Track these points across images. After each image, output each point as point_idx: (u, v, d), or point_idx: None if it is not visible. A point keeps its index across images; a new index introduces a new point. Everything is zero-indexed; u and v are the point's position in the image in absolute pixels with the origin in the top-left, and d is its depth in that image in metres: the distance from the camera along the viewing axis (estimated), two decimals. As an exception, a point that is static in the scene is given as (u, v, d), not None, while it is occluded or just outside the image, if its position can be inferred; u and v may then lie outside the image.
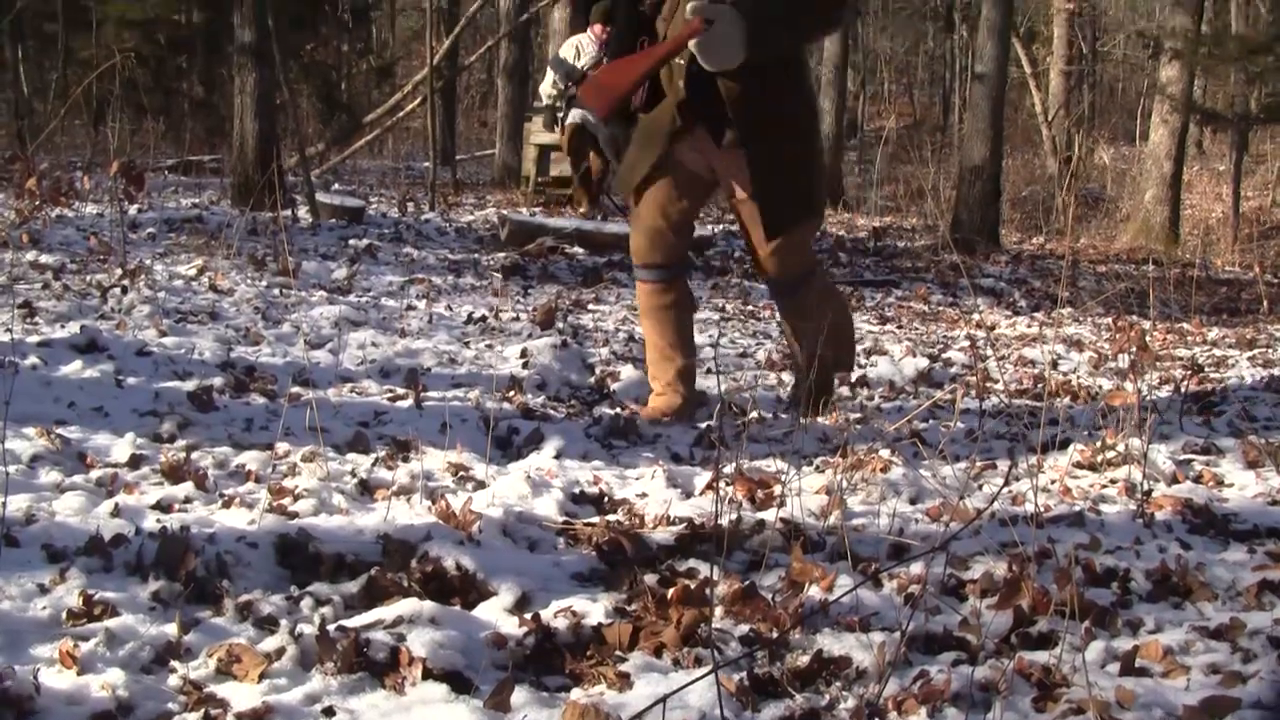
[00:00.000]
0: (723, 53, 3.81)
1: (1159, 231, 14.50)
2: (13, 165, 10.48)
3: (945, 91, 37.39)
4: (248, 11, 10.05)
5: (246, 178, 9.85)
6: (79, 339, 4.64)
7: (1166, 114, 14.60)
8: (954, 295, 9.30)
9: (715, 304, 7.80)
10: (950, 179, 15.59)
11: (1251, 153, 22.94)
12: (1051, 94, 23.45)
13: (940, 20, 36.48)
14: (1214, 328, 8.10)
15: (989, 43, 12.84)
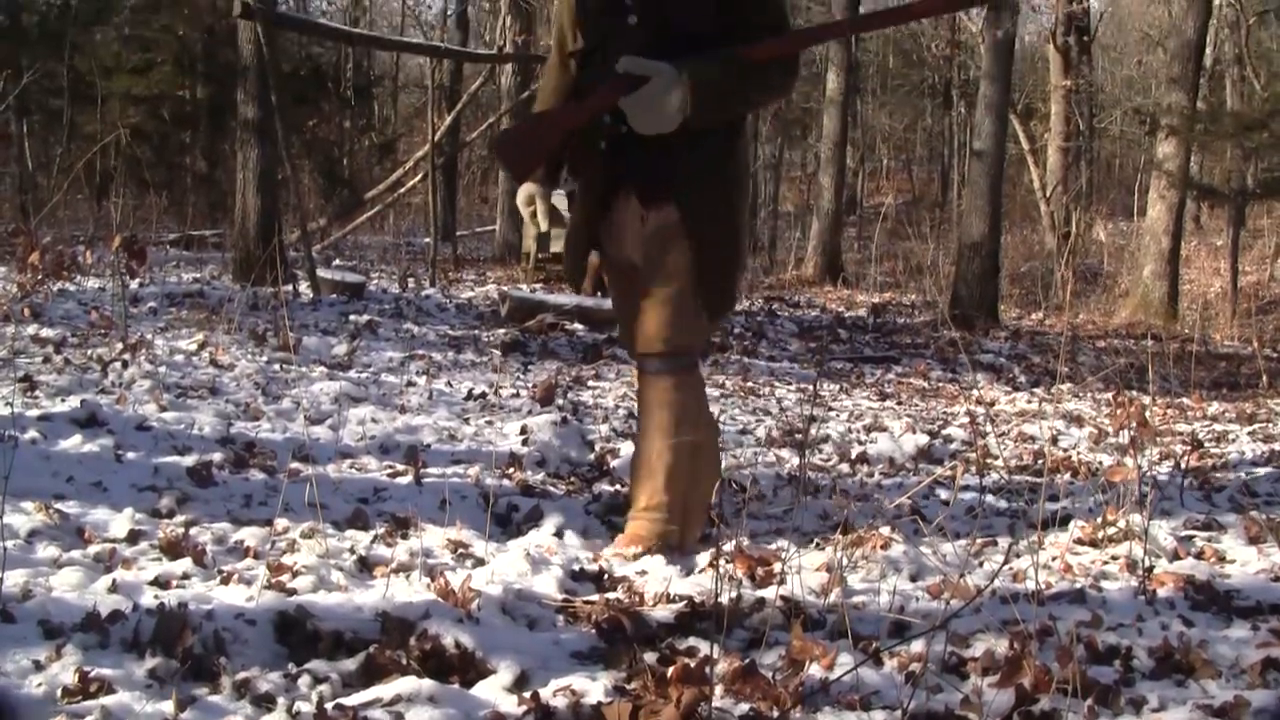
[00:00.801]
0: (656, 115, 3.37)
1: (1158, 306, 14.53)
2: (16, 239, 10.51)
3: (944, 168, 37.60)
4: (252, 88, 10.14)
5: (248, 253, 9.89)
6: (79, 413, 4.64)
7: (1164, 189, 14.67)
8: (954, 371, 9.30)
9: (715, 380, 7.80)
10: (949, 255, 15.65)
11: (1249, 227, 23.03)
12: (1050, 170, 23.58)
13: (939, 97, 36.74)
14: (1214, 403, 8.09)
15: (987, 120, 12.94)
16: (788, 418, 6.48)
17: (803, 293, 16.14)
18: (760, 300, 13.74)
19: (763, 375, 8.12)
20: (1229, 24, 26.12)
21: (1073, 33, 24.13)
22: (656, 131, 3.40)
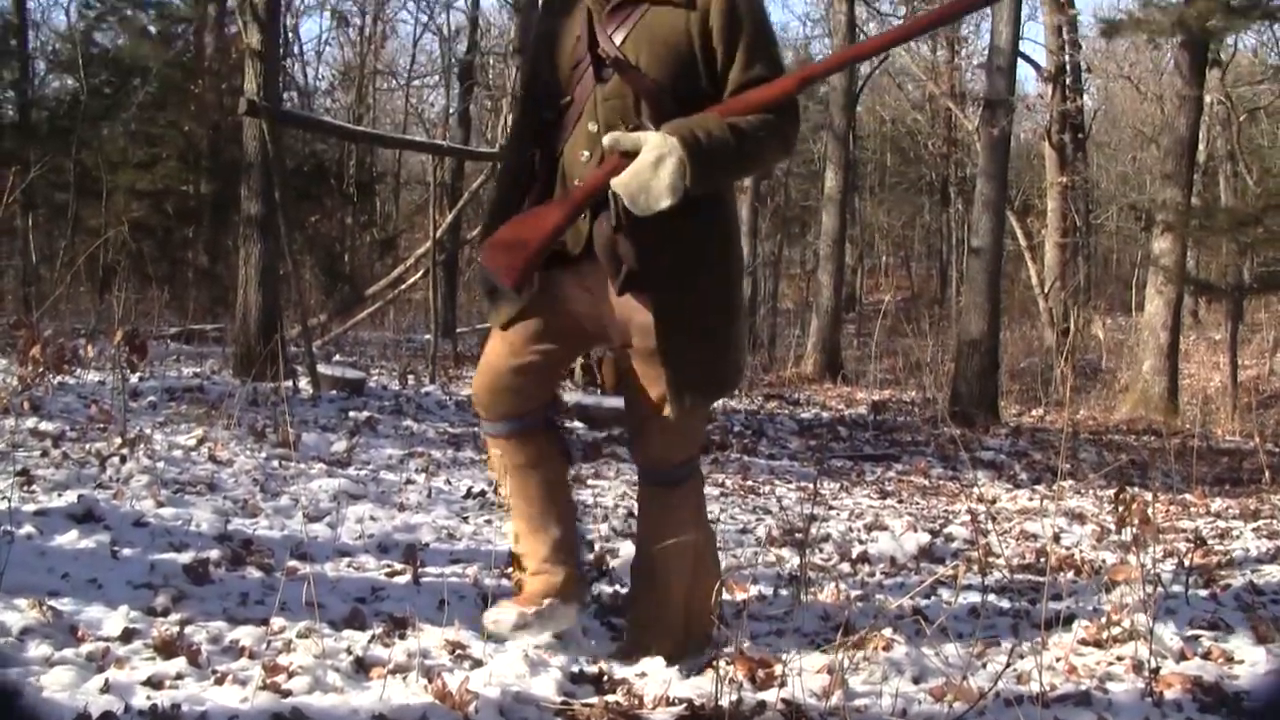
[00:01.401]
0: (653, 193, 3.05)
1: (1158, 402, 14.52)
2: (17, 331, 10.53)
3: (942, 265, 37.77)
4: (255, 184, 10.19)
5: (249, 348, 9.89)
6: (76, 508, 4.61)
7: (1161, 285, 14.72)
8: (954, 469, 9.28)
9: (715, 479, 7.77)
10: (948, 352, 15.67)
11: (1247, 322, 23.11)
12: (1047, 266, 23.67)
13: (936, 194, 37.00)
14: (1217, 499, 8.06)
15: (984, 217, 13.01)
16: (788, 516, 6.45)
17: (802, 390, 16.14)
18: (760, 398, 13.73)
19: (763, 474, 8.10)
20: (1220, 121, 26.37)
21: (1068, 130, 24.33)
22: (655, 210, 3.08)
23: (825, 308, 19.43)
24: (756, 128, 3.15)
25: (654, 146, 3.06)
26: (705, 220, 3.28)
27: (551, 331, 3.42)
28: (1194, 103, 14.63)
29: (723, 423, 10.49)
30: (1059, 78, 24.01)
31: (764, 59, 3.25)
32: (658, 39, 3.22)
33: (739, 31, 3.22)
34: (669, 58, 3.21)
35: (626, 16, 3.25)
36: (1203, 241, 16.84)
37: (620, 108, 3.22)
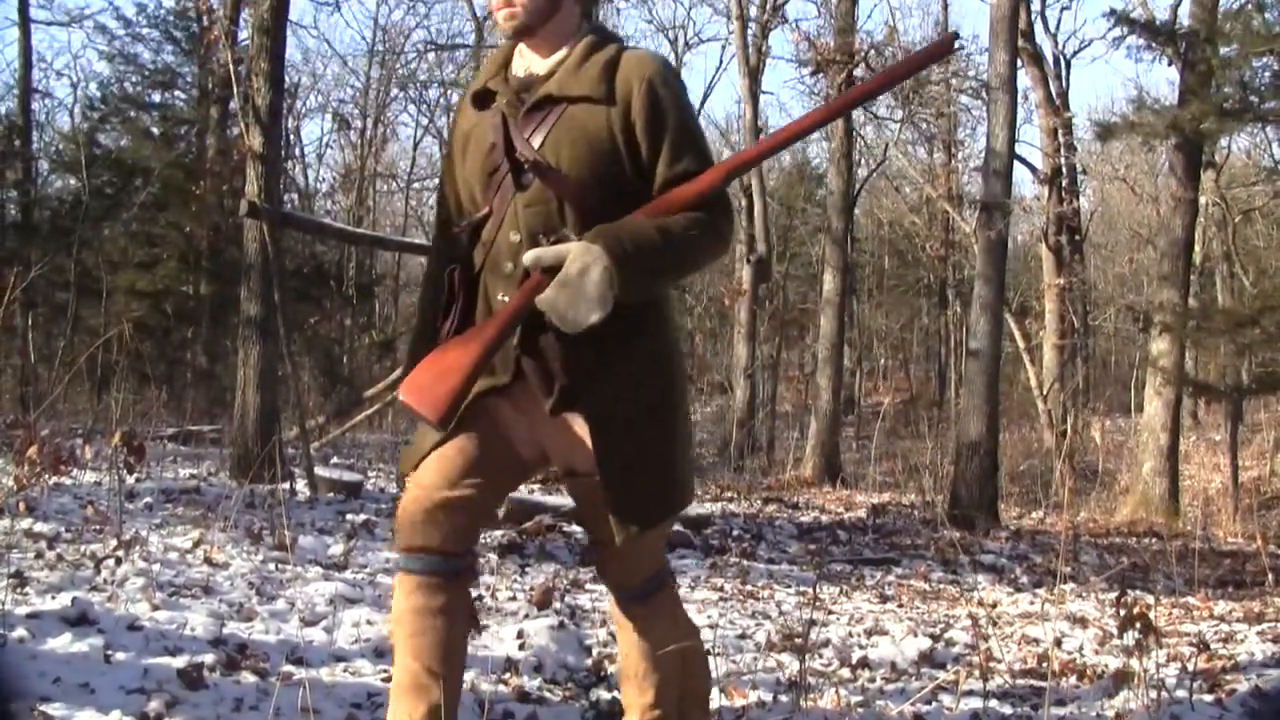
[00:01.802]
0: (581, 307, 2.85)
1: (1159, 504, 14.48)
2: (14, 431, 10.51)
3: (941, 367, 37.84)
4: (255, 285, 10.22)
5: (246, 450, 9.86)
6: (70, 611, 4.58)
7: (1160, 386, 14.74)
8: (955, 572, 9.22)
9: (714, 584, 7.72)
10: (948, 454, 15.64)
11: (1246, 422, 23.11)
12: (1046, 368, 23.72)
13: (934, 297, 37.17)
14: (1220, 602, 8.01)
15: (982, 319, 13.04)
16: (787, 621, 6.40)
17: (801, 494, 16.09)
18: (759, 501, 13.68)
19: (762, 578, 8.04)
20: (1216, 222, 26.58)
21: (1064, 232, 24.49)
22: (585, 325, 2.87)
23: (824, 411, 19.42)
24: (686, 226, 2.98)
25: (577, 258, 2.86)
26: (641, 330, 3.10)
27: (487, 462, 3.13)
28: (1189, 204, 14.74)
29: (722, 526, 10.44)
30: (1055, 180, 24.23)
31: (690, 152, 3.07)
32: (578, 138, 3.05)
33: (662, 125, 3.06)
34: (591, 157, 3.04)
35: (544, 118, 3.10)
36: (1201, 343, 16.89)
37: (543, 214, 3.04)
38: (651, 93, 3.05)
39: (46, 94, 28.26)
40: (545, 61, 3.16)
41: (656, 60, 3.19)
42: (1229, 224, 26.13)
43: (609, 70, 3.08)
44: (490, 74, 3.25)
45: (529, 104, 3.10)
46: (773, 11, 26.12)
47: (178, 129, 26.41)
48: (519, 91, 3.15)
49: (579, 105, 3.06)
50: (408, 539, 3.14)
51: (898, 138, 25.68)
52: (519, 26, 3.10)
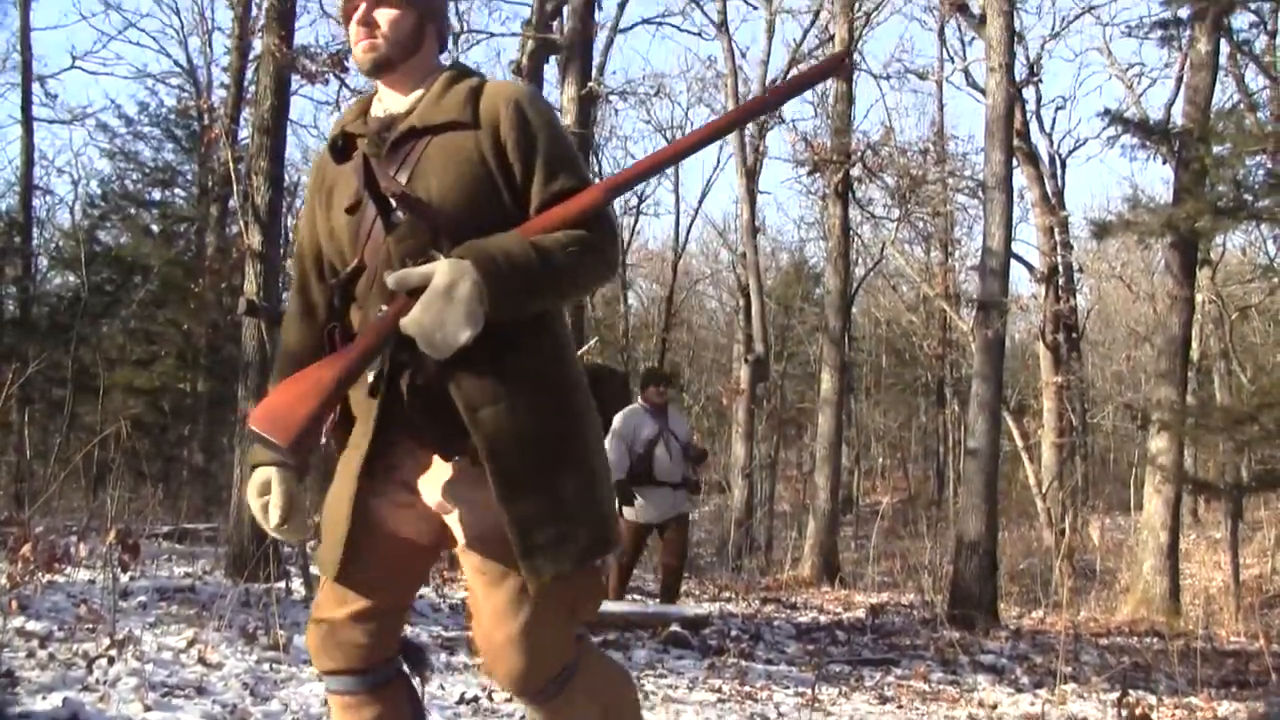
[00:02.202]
0: (449, 326, 2.63)
1: (1160, 602, 14.40)
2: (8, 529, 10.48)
3: (939, 465, 37.79)
4: (253, 383, 10.23)
5: (242, 548, 9.81)
6: (61, 712, 4.54)
7: (1159, 484, 14.71)
8: (954, 673, 9.15)
9: (711, 684, 7.64)
10: (947, 553, 15.57)
11: (1247, 520, 23.04)
12: (1044, 466, 23.69)
13: (932, 395, 37.21)
14: (1224, 702, 7.93)
15: (980, 418, 13.03)
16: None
17: (800, 593, 16.00)
18: (757, 601, 13.61)
19: (760, 679, 7.97)
20: (1213, 320, 26.67)
21: (1061, 330, 24.59)
22: (456, 345, 2.66)
23: (822, 510, 19.36)
24: (565, 243, 2.79)
25: (444, 274, 2.65)
26: (530, 353, 2.87)
27: (379, 567, 2.92)
28: (1185, 302, 14.80)
29: (719, 626, 10.37)
30: (1052, 278, 24.36)
31: (566, 170, 2.92)
32: (447, 167, 2.88)
33: (534, 144, 2.91)
34: (462, 184, 2.87)
35: (408, 153, 2.92)
36: (1199, 440, 16.89)
37: (416, 249, 2.80)
38: (520, 112, 2.92)
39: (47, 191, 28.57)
40: (405, 99, 3.02)
41: (523, 85, 3.11)
42: (1226, 321, 26.24)
43: (473, 96, 2.96)
44: (348, 120, 3.11)
45: (390, 141, 2.94)
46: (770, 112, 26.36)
47: (177, 226, 26.62)
48: (380, 132, 2.98)
49: (444, 134, 2.91)
50: (319, 664, 3.01)
51: (894, 237, 25.83)
52: (379, 59, 2.98)
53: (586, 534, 2.84)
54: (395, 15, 2.98)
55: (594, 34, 18.15)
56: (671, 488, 10.17)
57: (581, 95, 16.46)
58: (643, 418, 10.27)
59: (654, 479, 10.08)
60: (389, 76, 3.02)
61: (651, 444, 10.06)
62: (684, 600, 12.00)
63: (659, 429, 10.16)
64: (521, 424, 2.79)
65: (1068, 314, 25.29)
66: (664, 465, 10.11)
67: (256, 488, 2.99)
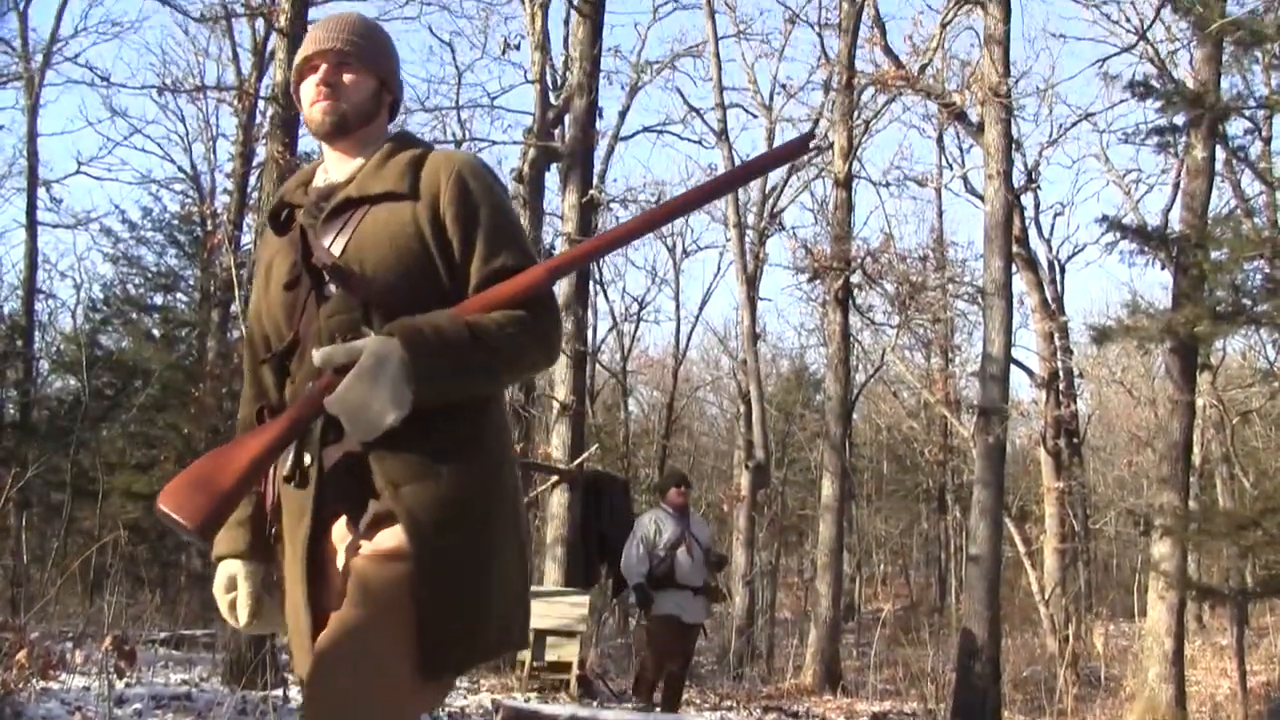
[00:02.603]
0: (374, 407, 2.48)
1: (1165, 710, 14.23)
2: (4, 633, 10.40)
3: (941, 572, 37.60)
4: (251, 490, 10.20)
5: (240, 655, 9.74)
6: (53, 822, 4.47)
7: (1163, 590, 14.60)
8: (960, 779, 9.05)
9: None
10: (950, 661, 15.44)
11: (1253, 626, 22.86)
12: (1047, 572, 23.54)
13: (933, 502, 37.11)
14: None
15: (982, 524, 12.99)
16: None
17: (802, 702, 15.84)
18: (758, 710, 13.48)
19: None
20: (1214, 424, 26.65)
21: (1063, 435, 24.54)
22: (380, 428, 2.51)
23: (824, 617, 19.20)
24: (502, 324, 2.64)
25: (371, 352, 2.50)
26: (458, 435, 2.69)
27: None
28: (1186, 407, 14.77)
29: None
30: (1052, 384, 24.36)
31: (508, 247, 2.79)
32: (382, 239, 2.74)
33: (475, 218, 2.78)
34: (398, 258, 2.73)
35: (344, 223, 2.79)
36: (1203, 546, 16.80)
37: (347, 324, 2.69)
38: (461, 183, 2.80)
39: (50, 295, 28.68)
40: (347, 167, 2.92)
41: (468, 155, 2.97)
42: (1227, 426, 26.22)
43: (414, 166, 2.84)
44: (290, 189, 3.01)
45: (327, 210, 2.82)
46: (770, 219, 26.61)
47: (179, 331, 26.73)
48: (318, 201, 2.87)
49: (382, 205, 2.79)
50: None
51: (895, 343, 25.88)
52: (338, 122, 2.88)
53: (496, 629, 2.70)
54: (356, 79, 2.91)
55: (595, 142, 18.32)
56: (693, 592, 10.13)
57: (583, 202, 16.59)
58: (665, 520, 10.27)
59: (676, 582, 10.04)
60: (341, 143, 2.93)
61: (673, 547, 10.06)
62: (685, 708, 11.88)
63: (681, 532, 10.12)
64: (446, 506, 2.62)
65: (1069, 419, 25.27)
66: (685, 569, 10.07)
67: (222, 584, 2.94)
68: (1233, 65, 14.37)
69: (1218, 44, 13.73)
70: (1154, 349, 19.45)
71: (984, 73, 13.99)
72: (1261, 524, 12.04)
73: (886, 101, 22.79)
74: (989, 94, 13.53)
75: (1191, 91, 13.88)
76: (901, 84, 19.07)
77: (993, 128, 13.59)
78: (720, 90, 22.25)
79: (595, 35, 17.27)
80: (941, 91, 19.10)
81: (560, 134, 19.06)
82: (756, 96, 28.06)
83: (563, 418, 16.21)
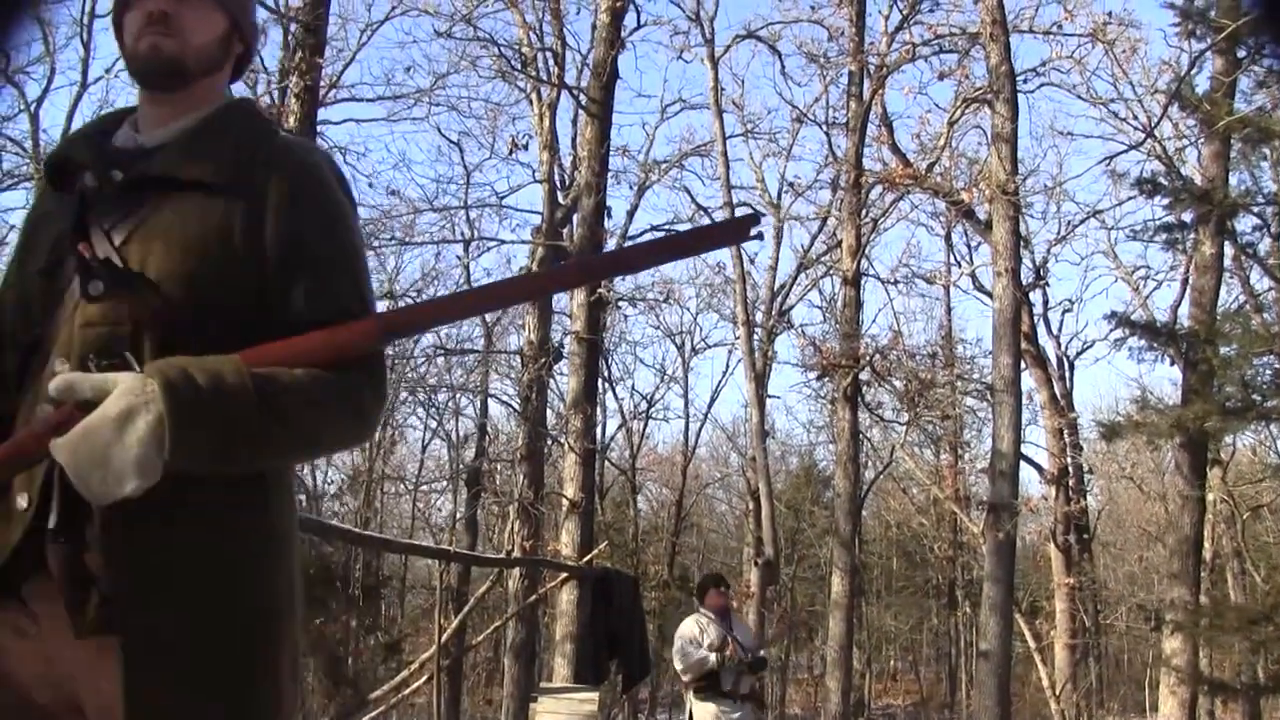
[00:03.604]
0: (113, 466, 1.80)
1: (1180, 808, 14.13)
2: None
3: (951, 668, 37.32)
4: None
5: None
6: None
7: (1174, 685, 14.52)
8: None
9: None
10: (963, 758, 15.33)
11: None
12: (1058, 668, 23.35)
13: (943, 597, 36.89)
14: None
15: (992, 620, 12.96)
16: None
17: (814, 798, 15.71)
18: (771, 805, 13.36)
19: None
20: (1225, 519, 26.53)
21: (1073, 531, 24.45)
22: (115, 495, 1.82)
23: (834, 713, 19.08)
24: (307, 385, 1.97)
25: (123, 394, 1.83)
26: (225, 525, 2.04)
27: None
28: (1197, 502, 14.76)
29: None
30: (1062, 480, 24.31)
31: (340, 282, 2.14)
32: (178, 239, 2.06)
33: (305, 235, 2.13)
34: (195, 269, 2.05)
35: (136, 206, 2.09)
36: (1214, 641, 16.70)
37: (106, 339, 2.00)
38: (297, 186, 2.16)
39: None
40: (163, 132, 2.21)
41: (316, 150, 2.36)
42: (1238, 520, 26.10)
43: (242, 150, 2.18)
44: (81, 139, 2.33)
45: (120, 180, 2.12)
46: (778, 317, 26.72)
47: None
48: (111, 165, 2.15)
49: (190, 194, 2.10)
50: None
51: (904, 440, 25.85)
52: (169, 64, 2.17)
53: None
54: (202, 15, 2.22)
55: (603, 240, 18.44)
56: (739, 699, 9.31)
57: (591, 301, 16.67)
58: (707, 624, 9.45)
59: (721, 690, 9.21)
60: (165, 96, 2.23)
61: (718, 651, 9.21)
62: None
63: (724, 635, 9.33)
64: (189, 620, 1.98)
65: (1078, 515, 25.18)
66: (730, 676, 9.26)
67: None
68: (1241, 161, 14.52)
69: (1225, 141, 13.87)
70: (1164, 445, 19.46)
71: (992, 170, 14.12)
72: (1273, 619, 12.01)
73: (894, 199, 22.93)
74: (997, 191, 13.65)
75: (1199, 188, 14.02)
76: (909, 182, 19.23)
77: (1001, 225, 13.70)
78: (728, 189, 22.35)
79: (603, 135, 17.45)
80: (949, 189, 19.24)
81: (569, 233, 19.21)
82: (764, 195, 28.29)
83: (572, 515, 16.18)
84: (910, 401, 22.99)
